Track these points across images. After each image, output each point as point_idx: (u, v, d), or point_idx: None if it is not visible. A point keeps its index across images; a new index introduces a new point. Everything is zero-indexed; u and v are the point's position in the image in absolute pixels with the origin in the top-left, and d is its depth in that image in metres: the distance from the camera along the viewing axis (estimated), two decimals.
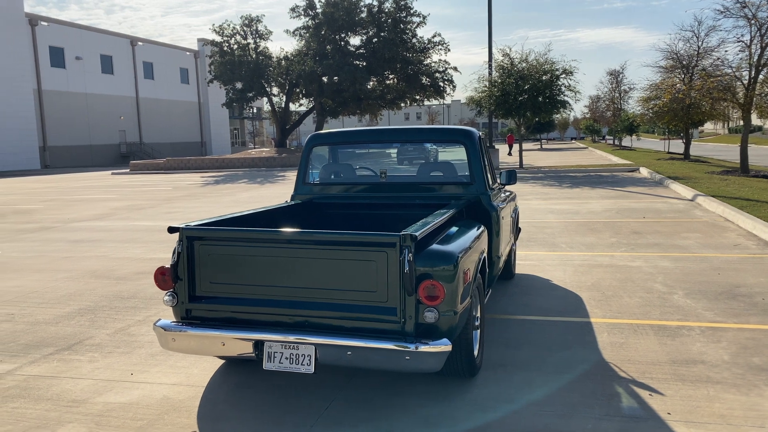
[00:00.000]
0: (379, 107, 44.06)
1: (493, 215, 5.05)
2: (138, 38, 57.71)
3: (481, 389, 3.90)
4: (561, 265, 7.38)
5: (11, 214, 14.95)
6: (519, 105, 22.71)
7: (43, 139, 47.81)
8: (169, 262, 3.68)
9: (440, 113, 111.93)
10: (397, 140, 5.59)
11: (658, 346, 4.57)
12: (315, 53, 36.83)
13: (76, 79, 50.59)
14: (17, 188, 24.50)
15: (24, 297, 6.59)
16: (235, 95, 37.60)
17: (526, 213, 12.00)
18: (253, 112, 72.60)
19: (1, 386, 4.18)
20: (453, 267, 3.44)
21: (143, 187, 23.12)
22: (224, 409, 3.73)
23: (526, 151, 50.55)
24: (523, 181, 19.67)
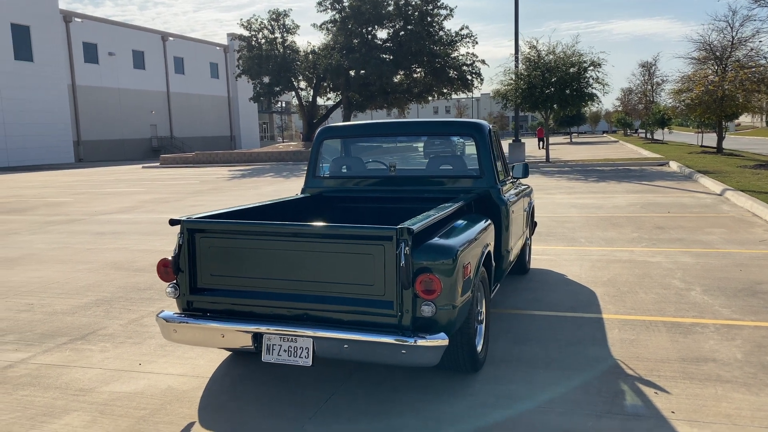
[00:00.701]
0: (407, 101, 43.96)
1: (503, 209, 4.99)
2: (169, 33, 58.53)
3: (482, 384, 3.86)
4: (578, 260, 7.27)
5: (42, 206, 15.31)
6: (545, 98, 22.44)
7: (77, 133, 48.84)
8: (171, 255, 3.72)
9: (469, 107, 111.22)
10: (406, 133, 5.55)
11: (670, 344, 4.47)
12: (342, 47, 36.88)
13: (109, 75, 51.52)
14: (50, 182, 25.07)
15: (45, 287, 6.74)
16: (263, 89, 37.89)
17: (548, 207, 11.86)
18: (282, 106, 73.10)
19: (13, 374, 4.28)
20: (452, 261, 3.41)
21: (171, 180, 23.46)
22: (225, 400, 3.76)
23: (555, 145, 49.96)
24: (548, 175, 19.45)
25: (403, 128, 5.52)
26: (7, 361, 4.53)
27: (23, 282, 7.05)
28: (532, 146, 43.56)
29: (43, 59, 44.74)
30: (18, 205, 15.64)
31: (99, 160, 48.80)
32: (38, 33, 44.29)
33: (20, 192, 19.99)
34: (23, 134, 43.48)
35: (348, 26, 36.82)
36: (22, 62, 43.35)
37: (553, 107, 23.02)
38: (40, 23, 44.39)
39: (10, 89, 42.49)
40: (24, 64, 43.48)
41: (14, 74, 42.75)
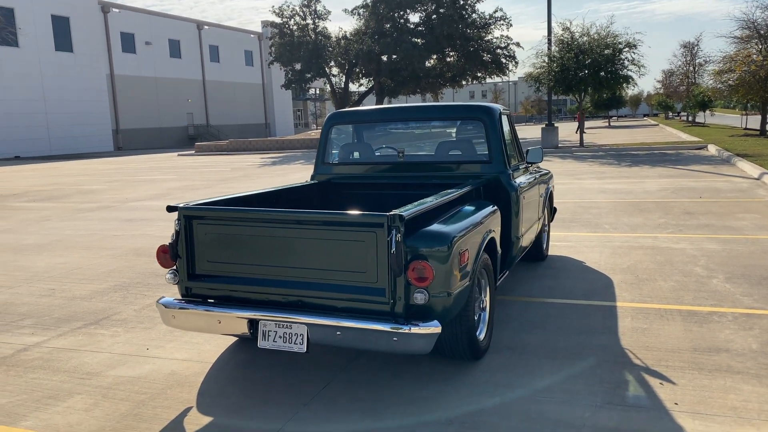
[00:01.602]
0: (440, 85, 43.57)
1: (512, 195, 4.88)
2: (204, 22, 59.10)
3: (483, 373, 3.80)
4: (599, 247, 7.11)
5: (76, 194, 15.69)
6: (579, 80, 21.95)
7: (116, 122, 49.87)
8: (169, 241, 3.75)
9: (505, 91, 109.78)
10: (415, 118, 5.47)
11: (683, 333, 4.33)
12: (373, 32, 36.67)
13: (146, 64, 52.37)
14: (88, 169, 25.69)
15: (68, 273, 6.91)
16: (294, 76, 37.96)
17: (575, 193, 11.62)
18: (316, 93, 73.28)
19: (26, 357, 4.39)
20: (447, 248, 3.35)
21: (203, 168, 23.79)
22: (225, 386, 3.79)
23: (593, 129, 48.96)
24: (580, 159, 19.07)
25: (411, 113, 5.44)
26: (23, 345, 4.65)
27: (48, 267, 7.23)
28: (569, 130, 42.73)
29: (83, 50, 45.71)
30: (54, 193, 16.07)
31: (137, 148, 49.78)
32: (77, 24, 45.24)
33: (58, 180, 20.52)
34: (65, 123, 44.60)
35: (379, 10, 36.56)
36: (62, 53, 44.37)
37: (587, 90, 22.49)
38: (79, 14, 45.32)
39: (52, 79, 43.58)
40: (64, 55, 44.50)
41: (55, 65, 43.80)
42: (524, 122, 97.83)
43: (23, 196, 15.70)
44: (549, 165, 18.06)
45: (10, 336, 4.87)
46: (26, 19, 41.40)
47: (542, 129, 24.84)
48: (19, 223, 10.95)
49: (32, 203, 13.99)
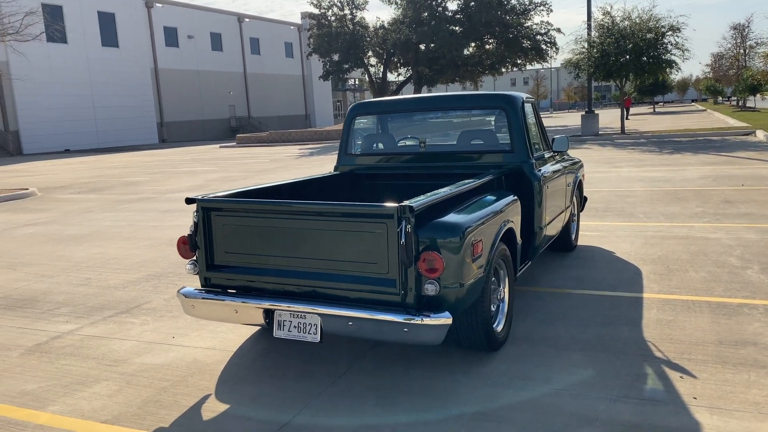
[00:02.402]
0: (479, 73, 43.11)
1: (535, 184, 4.82)
2: (245, 15, 59.79)
3: (499, 364, 3.78)
4: (631, 237, 6.95)
5: (119, 186, 16.14)
6: (620, 66, 21.41)
7: (161, 115, 51.00)
8: (188, 232, 3.83)
9: (547, 77, 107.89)
10: (437, 107, 5.44)
11: (710, 325, 4.22)
12: (411, 21, 36.47)
13: (189, 57, 53.32)
14: (132, 162, 26.37)
15: (104, 263, 7.13)
16: (332, 67, 38.11)
17: (611, 181, 11.38)
18: (355, 83, 73.42)
19: (59, 344, 4.57)
20: (459, 239, 3.33)
21: (243, 159, 24.14)
22: (245, 374, 3.87)
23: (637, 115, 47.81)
24: (620, 147, 18.64)
25: (434, 103, 5.42)
26: (57, 332, 4.83)
27: (86, 257, 7.48)
28: (612, 116, 41.76)
29: (128, 45, 46.82)
30: (98, 185, 16.56)
31: (181, 141, 50.84)
32: (122, 19, 46.34)
33: (103, 172, 21.13)
34: (111, 117, 45.85)
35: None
36: (108, 48, 45.56)
37: (627, 76, 21.93)
38: (124, 10, 46.40)
39: (99, 74, 44.81)
40: (110, 50, 45.68)
41: (102, 60, 45.01)
42: (567, 109, 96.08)
43: (69, 188, 16.24)
44: (587, 153, 17.73)
45: (46, 323, 5.06)
46: (74, 16, 42.62)
47: (582, 116, 24.36)
48: (63, 214, 11.34)
49: (77, 195, 14.46)
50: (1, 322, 5.17)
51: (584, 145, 21.11)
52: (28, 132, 40.59)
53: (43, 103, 40.97)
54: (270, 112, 62.23)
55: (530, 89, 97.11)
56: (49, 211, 11.83)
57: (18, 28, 15.32)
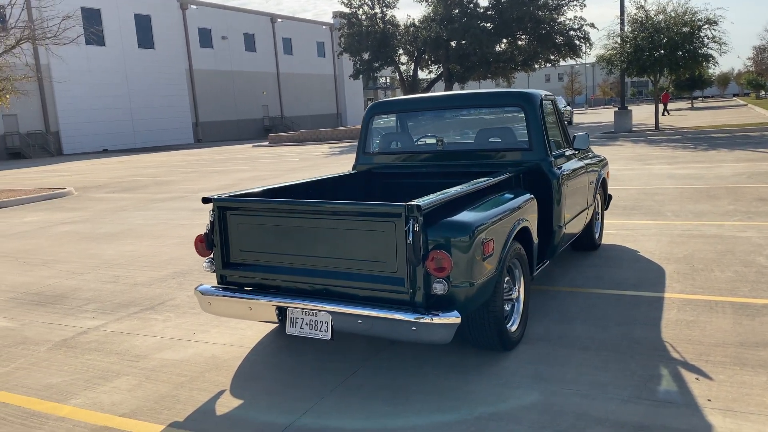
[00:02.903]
0: (511, 70, 42.75)
1: (554, 183, 4.77)
2: (277, 15, 60.36)
3: (512, 363, 3.77)
4: (657, 236, 6.83)
5: (153, 185, 16.47)
6: (654, 61, 20.97)
7: (196, 115, 51.86)
8: (204, 231, 3.91)
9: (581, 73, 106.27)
10: (455, 106, 5.43)
11: (731, 326, 4.13)
12: (442, 18, 36.35)
13: (223, 58, 54.08)
14: (167, 161, 26.88)
15: (133, 261, 7.30)
16: (362, 66, 38.23)
17: (641, 179, 11.19)
18: (386, 81, 73.46)
19: (84, 339, 4.70)
20: (468, 238, 3.33)
21: (274, 158, 24.40)
22: (260, 370, 3.94)
23: (674, 111, 46.77)
24: (654, 144, 18.28)
25: (451, 101, 5.41)
26: (83, 328, 4.98)
27: (116, 255, 7.67)
28: (648, 113, 40.90)
29: (163, 46, 47.72)
30: (133, 184, 16.94)
31: (215, 140, 51.61)
32: (158, 21, 47.24)
33: (139, 172, 21.60)
34: (148, 117, 46.81)
35: None
36: (145, 50, 46.52)
37: (662, 71, 21.47)
38: (159, 12, 47.31)
39: (136, 76, 45.79)
40: (147, 52, 46.63)
41: (138, 61, 45.98)
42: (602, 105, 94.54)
43: (104, 187, 16.65)
44: (619, 150, 17.45)
45: (74, 319, 5.22)
46: (111, 19, 43.62)
47: (615, 112, 23.95)
48: (97, 213, 11.64)
49: (111, 194, 14.82)
50: (31, 317, 5.35)
51: (617, 142, 20.76)
52: (67, 132, 41.72)
53: (82, 104, 42.06)
54: (302, 112, 62.72)
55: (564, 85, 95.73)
56: (84, 210, 12.16)
57: (56, 32, 15.74)
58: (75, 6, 37.72)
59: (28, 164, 31.90)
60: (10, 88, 15.12)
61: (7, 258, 7.94)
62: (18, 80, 15.20)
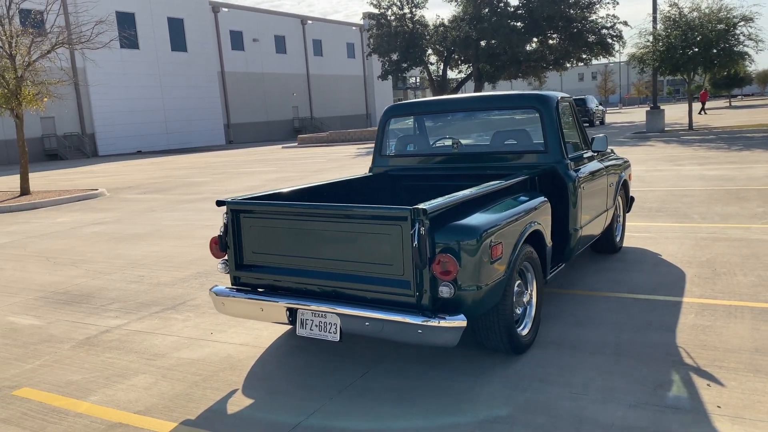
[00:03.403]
0: (542, 69, 42.37)
1: (570, 185, 4.74)
2: (308, 17, 60.78)
3: (522, 366, 3.77)
4: (681, 238, 6.72)
5: (182, 186, 16.77)
6: (687, 59, 20.57)
7: (227, 117, 52.55)
8: (218, 233, 4.00)
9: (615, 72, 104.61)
10: (471, 108, 5.43)
11: (749, 332, 4.06)
12: (471, 17, 36.20)
13: (254, 60, 54.70)
14: (198, 162, 27.31)
15: (158, 261, 7.46)
16: (391, 67, 38.28)
17: (670, 180, 11.00)
18: (416, 82, 73.40)
19: (106, 338, 4.84)
20: (475, 241, 3.35)
21: (302, 159, 24.61)
22: (271, 370, 4.00)
23: (712, 110, 45.75)
24: (686, 144, 17.93)
25: (467, 103, 5.41)
26: (106, 327, 5.12)
27: (142, 255, 7.85)
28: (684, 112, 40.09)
29: (196, 49, 48.46)
30: (164, 185, 17.27)
31: (247, 142, 52.22)
32: (191, 24, 47.99)
33: (170, 173, 22.00)
34: (181, 119, 47.60)
35: None
36: (177, 53, 47.30)
37: (696, 69, 21.04)
38: (192, 15, 48.06)
39: (169, 78, 46.60)
40: (179, 55, 47.41)
41: (171, 64, 46.78)
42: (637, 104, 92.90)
43: (136, 188, 17.01)
44: (649, 150, 17.17)
45: (97, 318, 5.37)
46: (145, 23, 44.48)
47: (647, 112, 23.55)
48: (127, 213, 11.91)
49: (142, 195, 15.14)
50: (58, 316, 5.52)
51: (648, 142, 20.42)
52: (103, 134, 42.67)
53: (116, 106, 42.97)
54: (332, 113, 63.06)
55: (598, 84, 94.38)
56: (115, 211, 12.45)
57: (89, 37, 16.13)
58: (110, 10, 38.67)
59: (64, 165, 32.75)
60: (46, 92, 15.53)
61: (39, 258, 8.18)
62: (53, 84, 15.60)
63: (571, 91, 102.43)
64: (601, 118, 37.11)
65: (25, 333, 5.10)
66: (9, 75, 14.86)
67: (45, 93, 15.62)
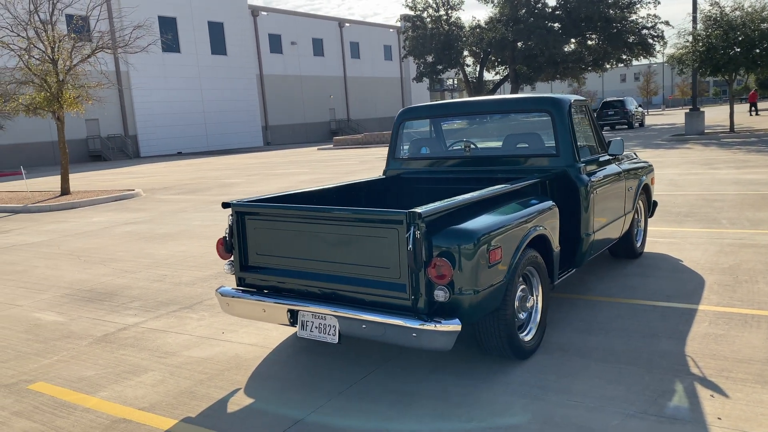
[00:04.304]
0: (581, 70, 41.79)
1: (581, 189, 4.68)
2: (345, 20, 61.21)
3: (523, 372, 3.73)
4: (705, 244, 6.55)
5: (215, 187, 17.07)
6: (728, 60, 20.00)
7: (265, 119, 53.27)
8: (224, 235, 4.07)
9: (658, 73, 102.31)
10: (483, 111, 5.40)
11: (763, 342, 3.94)
12: (508, 18, 35.92)
13: (292, 63, 55.33)
14: (234, 164, 27.75)
15: (182, 261, 7.63)
16: (426, 69, 38.23)
17: (703, 184, 10.71)
18: (454, 83, 73.13)
19: (123, 335, 4.97)
20: (472, 245, 3.34)
21: (335, 161, 24.77)
22: (277, 370, 4.06)
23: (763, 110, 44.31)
24: (725, 147, 17.43)
25: (479, 107, 5.39)
26: (124, 324, 5.26)
27: (168, 255, 8.03)
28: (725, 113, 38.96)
29: (235, 52, 49.27)
30: (198, 186, 17.61)
31: (284, 143, 52.83)
32: (230, 28, 48.83)
33: (206, 174, 22.41)
34: (220, 121, 48.44)
35: None
36: (217, 56, 48.16)
37: (738, 70, 20.45)
38: (231, 19, 48.89)
39: (209, 81, 47.48)
40: (219, 58, 48.26)
41: (211, 68, 47.66)
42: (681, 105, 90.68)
43: (171, 189, 17.39)
44: (685, 153, 16.75)
45: (117, 316, 5.52)
46: (186, 27, 45.44)
47: (686, 114, 22.97)
48: (159, 214, 12.19)
49: (176, 195, 15.47)
50: (80, 313, 5.69)
51: (685, 144, 19.92)
52: (144, 136, 43.73)
53: (158, 109, 43.99)
54: (368, 115, 63.31)
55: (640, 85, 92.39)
56: (147, 211, 12.75)
57: (127, 41, 16.57)
58: (152, 15, 39.65)
59: (106, 166, 33.67)
60: (86, 95, 16.01)
61: (71, 256, 8.45)
62: (92, 87, 16.07)
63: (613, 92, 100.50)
64: (641, 120, 36.34)
65: (47, 329, 5.28)
66: (51, 79, 15.37)
67: (85, 96, 16.10)
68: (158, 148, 44.36)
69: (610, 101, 34.64)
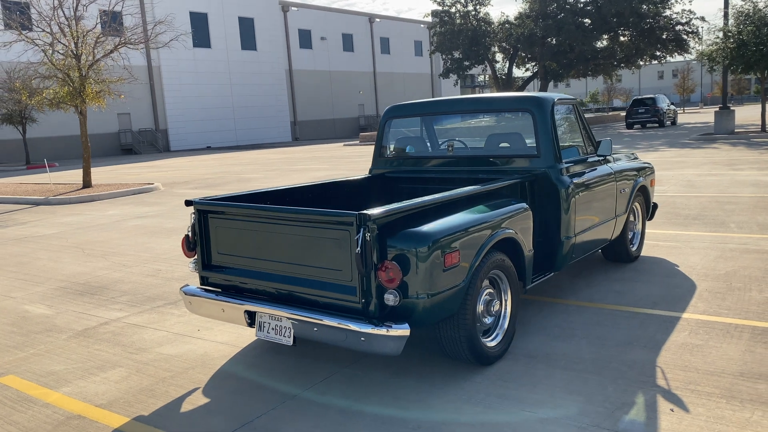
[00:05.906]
0: (613, 67, 41.01)
1: (562, 191, 4.54)
2: (375, 15, 61.11)
3: (483, 380, 3.64)
4: (707, 249, 6.33)
5: (234, 182, 17.20)
6: (761, 57, 19.36)
7: (294, 114, 53.55)
8: (186, 233, 4.06)
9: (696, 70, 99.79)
10: (466, 110, 5.28)
11: (740, 354, 3.77)
12: (537, 14, 35.41)
13: (321, 58, 55.48)
14: (258, 159, 27.95)
15: (180, 256, 7.66)
16: (453, 65, 37.93)
17: (720, 186, 10.38)
18: (484, 80, 72.48)
19: (102, 330, 5.01)
20: (426, 249, 3.25)
21: (357, 157, 24.74)
22: (238, 370, 4.03)
23: None
24: (753, 147, 16.88)
25: (462, 105, 5.28)
26: (106, 319, 5.30)
27: (168, 250, 8.09)
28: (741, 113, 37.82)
29: (265, 47, 49.61)
30: (216, 181, 17.76)
31: (312, 139, 53.06)
32: (260, 24, 49.16)
33: (228, 169, 22.61)
34: (249, 116, 48.86)
35: None
36: (247, 51, 48.55)
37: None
38: (261, 15, 49.22)
39: (238, 76, 47.91)
40: (249, 53, 48.65)
41: (241, 63, 48.06)
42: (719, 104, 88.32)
43: (190, 183, 17.58)
44: (711, 153, 16.28)
45: (103, 311, 5.57)
46: (217, 22, 45.90)
47: (715, 113, 22.35)
48: (171, 208, 12.32)
49: (193, 190, 15.62)
50: (68, 306, 5.76)
51: (713, 144, 19.36)
52: (175, 130, 44.35)
53: (188, 103, 44.57)
54: None
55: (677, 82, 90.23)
56: (161, 205, 12.91)
57: (150, 37, 16.77)
58: (183, 11, 40.17)
59: (136, 159, 34.25)
60: (108, 90, 16.26)
61: (75, 249, 8.58)
62: (113, 82, 16.31)
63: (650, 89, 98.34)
64: (673, 119, 35.48)
65: (33, 322, 5.35)
66: (74, 73, 15.65)
67: (107, 91, 16.36)
68: (188, 143, 44.95)
69: (640, 99, 33.91)
